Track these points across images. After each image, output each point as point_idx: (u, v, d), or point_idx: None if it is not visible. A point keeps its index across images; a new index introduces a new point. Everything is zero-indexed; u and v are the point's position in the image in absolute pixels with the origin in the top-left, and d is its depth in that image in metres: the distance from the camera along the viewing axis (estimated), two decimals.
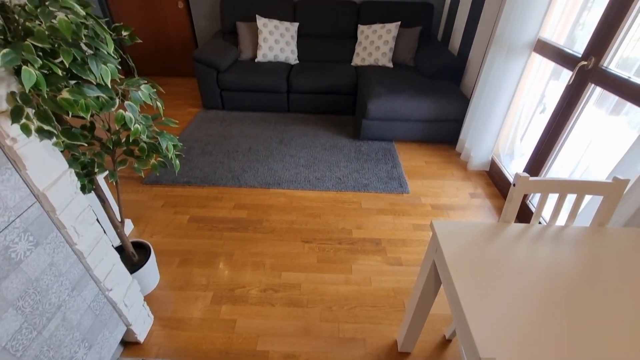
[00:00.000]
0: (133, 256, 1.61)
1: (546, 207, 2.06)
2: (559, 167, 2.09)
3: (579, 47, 1.96)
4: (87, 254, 1.19)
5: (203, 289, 1.73)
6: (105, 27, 0.99)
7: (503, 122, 2.52)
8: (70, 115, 0.95)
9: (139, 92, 1.11)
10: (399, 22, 3.45)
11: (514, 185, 1.12)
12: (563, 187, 1.13)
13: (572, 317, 0.84)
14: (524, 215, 2.23)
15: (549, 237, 1.09)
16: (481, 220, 2.27)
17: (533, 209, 2.14)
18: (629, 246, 1.06)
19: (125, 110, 1.09)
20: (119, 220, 1.48)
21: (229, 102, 3.43)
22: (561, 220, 1.85)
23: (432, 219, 2.30)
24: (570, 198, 1.90)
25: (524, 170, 2.27)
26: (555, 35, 2.15)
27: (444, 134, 3.06)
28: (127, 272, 1.40)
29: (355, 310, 1.66)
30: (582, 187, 1.13)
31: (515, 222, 1.31)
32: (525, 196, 2.24)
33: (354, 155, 2.89)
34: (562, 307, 0.86)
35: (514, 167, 2.54)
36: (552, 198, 2.10)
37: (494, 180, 2.63)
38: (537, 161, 2.15)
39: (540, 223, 1.93)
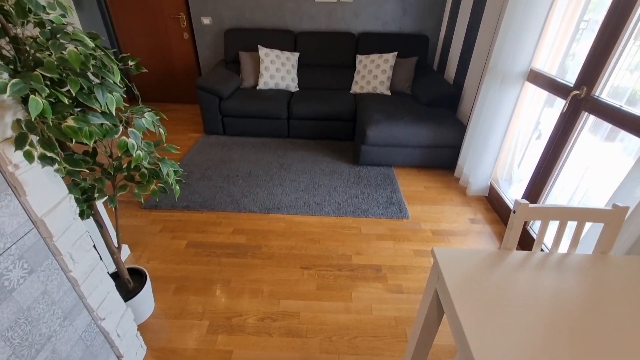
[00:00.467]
0: (128, 283, 1.58)
1: (548, 234, 2.05)
2: (558, 192, 2.09)
3: (570, 77, 2.01)
4: (81, 282, 1.17)
5: (199, 317, 1.68)
6: (113, 57, 1.02)
7: (500, 148, 2.55)
8: (73, 142, 0.96)
9: (143, 120, 1.13)
10: (396, 53, 3.56)
11: (514, 212, 1.11)
12: (563, 214, 1.13)
13: (576, 346, 0.82)
14: (526, 241, 2.20)
15: (552, 265, 1.08)
16: (482, 246, 2.25)
17: (534, 235, 2.13)
18: (632, 274, 1.05)
19: (128, 136, 1.11)
20: (116, 246, 1.46)
21: (230, 128, 3.48)
22: (563, 247, 1.84)
23: (433, 245, 2.28)
24: (572, 224, 1.89)
25: (523, 196, 2.28)
26: (547, 65, 2.21)
27: (442, 160, 3.09)
28: (121, 300, 1.37)
29: (356, 341, 1.61)
30: (582, 215, 1.12)
31: (517, 249, 1.29)
32: (526, 222, 2.22)
33: (353, 181, 2.91)
34: (567, 337, 0.84)
35: (512, 192, 2.55)
36: (553, 224, 2.09)
37: (494, 206, 2.63)
38: (536, 187, 2.16)
39: (542, 250, 1.92)
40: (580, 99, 1.82)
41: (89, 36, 0.95)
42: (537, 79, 2.20)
